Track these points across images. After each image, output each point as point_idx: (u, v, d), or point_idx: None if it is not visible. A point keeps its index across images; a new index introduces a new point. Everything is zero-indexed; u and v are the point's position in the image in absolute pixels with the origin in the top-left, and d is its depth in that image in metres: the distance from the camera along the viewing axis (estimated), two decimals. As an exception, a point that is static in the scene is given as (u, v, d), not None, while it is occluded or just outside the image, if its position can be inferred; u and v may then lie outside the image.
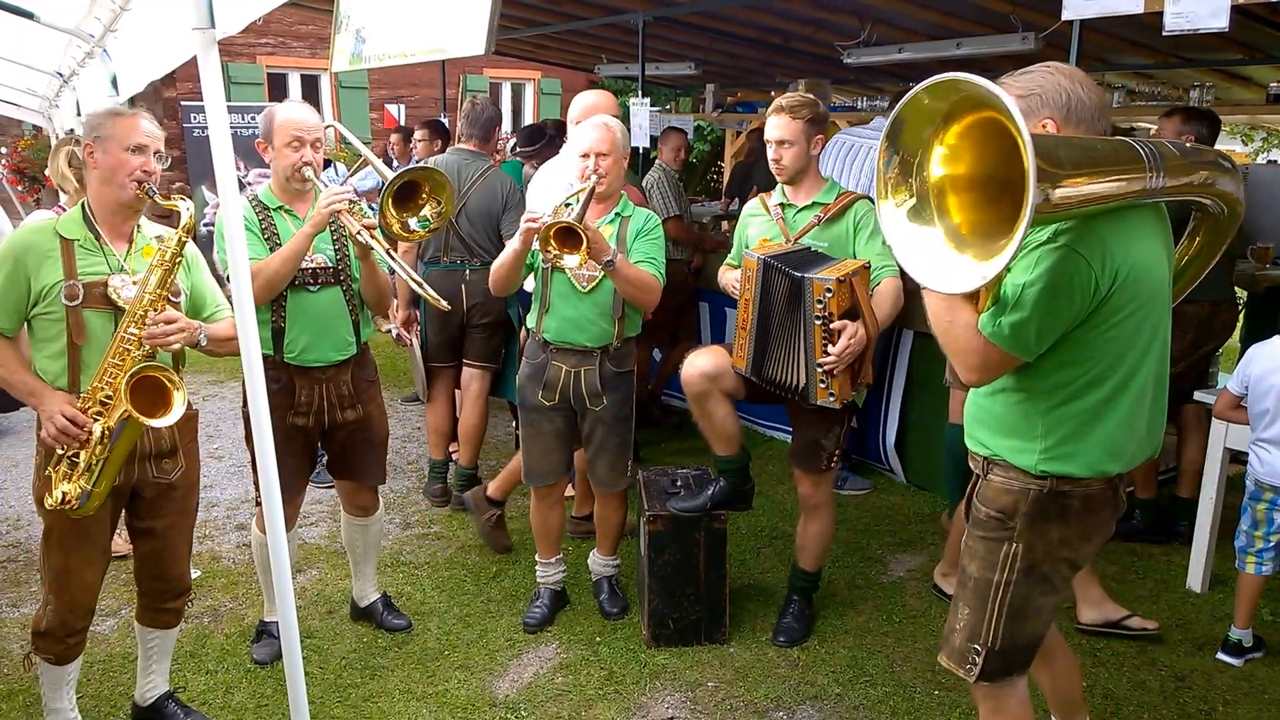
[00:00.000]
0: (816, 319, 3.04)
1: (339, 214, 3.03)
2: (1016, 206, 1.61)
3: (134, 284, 2.58)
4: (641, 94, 6.57)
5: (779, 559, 4.25)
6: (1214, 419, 3.72)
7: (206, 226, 8.23)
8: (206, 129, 2.27)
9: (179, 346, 2.55)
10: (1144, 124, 7.71)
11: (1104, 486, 2.12)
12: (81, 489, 2.50)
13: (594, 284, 3.38)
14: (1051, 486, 2.09)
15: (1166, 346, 2.15)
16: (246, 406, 3.19)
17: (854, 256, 3.32)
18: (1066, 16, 3.32)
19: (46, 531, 2.69)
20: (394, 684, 3.33)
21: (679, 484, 3.66)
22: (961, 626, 2.24)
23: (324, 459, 3.58)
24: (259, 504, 3.29)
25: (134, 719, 3.09)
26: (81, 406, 2.52)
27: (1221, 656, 3.45)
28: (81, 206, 2.65)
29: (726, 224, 7.98)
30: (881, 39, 6.01)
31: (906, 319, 4.90)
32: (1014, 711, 2.28)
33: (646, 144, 6.40)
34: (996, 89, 1.58)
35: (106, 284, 2.58)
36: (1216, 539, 3.93)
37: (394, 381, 7.07)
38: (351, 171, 3.79)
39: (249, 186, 4.43)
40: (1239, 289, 5.63)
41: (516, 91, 15.26)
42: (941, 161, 1.76)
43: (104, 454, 2.50)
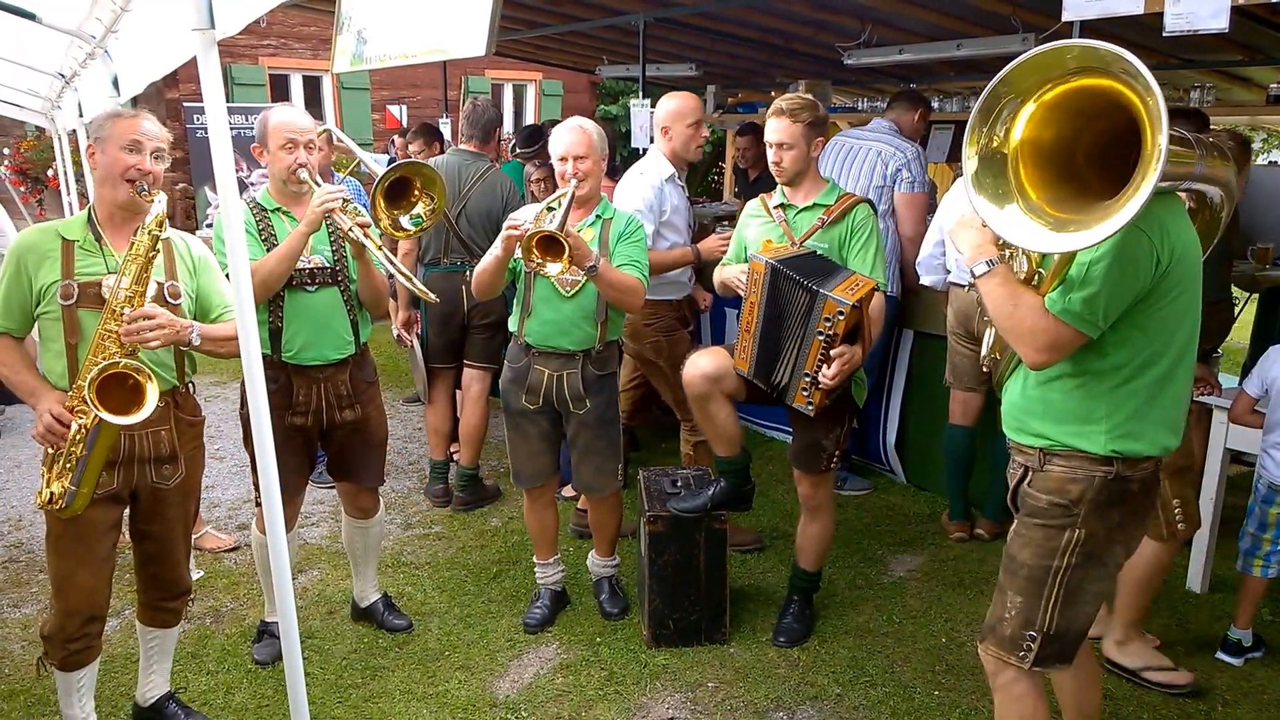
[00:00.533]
0: (819, 334, 3.05)
1: (332, 213, 3.03)
2: (1085, 187, 1.81)
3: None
4: (642, 95, 6.57)
5: (779, 559, 4.25)
6: (1229, 422, 3.66)
7: (207, 227, 8.26)
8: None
9: (159, 344, 2.52)
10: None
11: (1154, 469, 2.21)
12: (64, 488, 2.50)
13: (577, 288, 3.36)
14: (1118, 472, 2.15)
15: (1198, 328, 2.22)
16: (245, 408, 3.20)
17: (846, 259, 3.34)
18: (1066, 18, 3.32)
19: (47, 534, 2.71)
20: (394, 684, 3.33)
21: (679, 484, 3.66)
22: (1014, 615, 2.27)
23: (324, 460, 3.59)
24: (258, 504, 3.30)
25: (135, 719, 3.10)
26: (68, 405, 2.53)
27: (1221, 656, 3.45)
28: (88, 209, 2.69)
29: (728, 224, 7.97)
30: (882, 40, 6.02)
31: (907, 319, 4.94)
32: (1032, 698, 2.31)
33: (647, 145, 6.39)
34: (1148, 74, 1.66)
35: (100, 284, 2.58)
36: (1217, 539, 3.93)
37: (395, 382, 7.08)
38: (349, 170, 3.75)
39: (252, 187, 4.42)
40: (1241, 290, 5.64)
41: (518, 93, 15.27)
42: (1027, 121, 1.89)
43: (82, 453, 2.49)
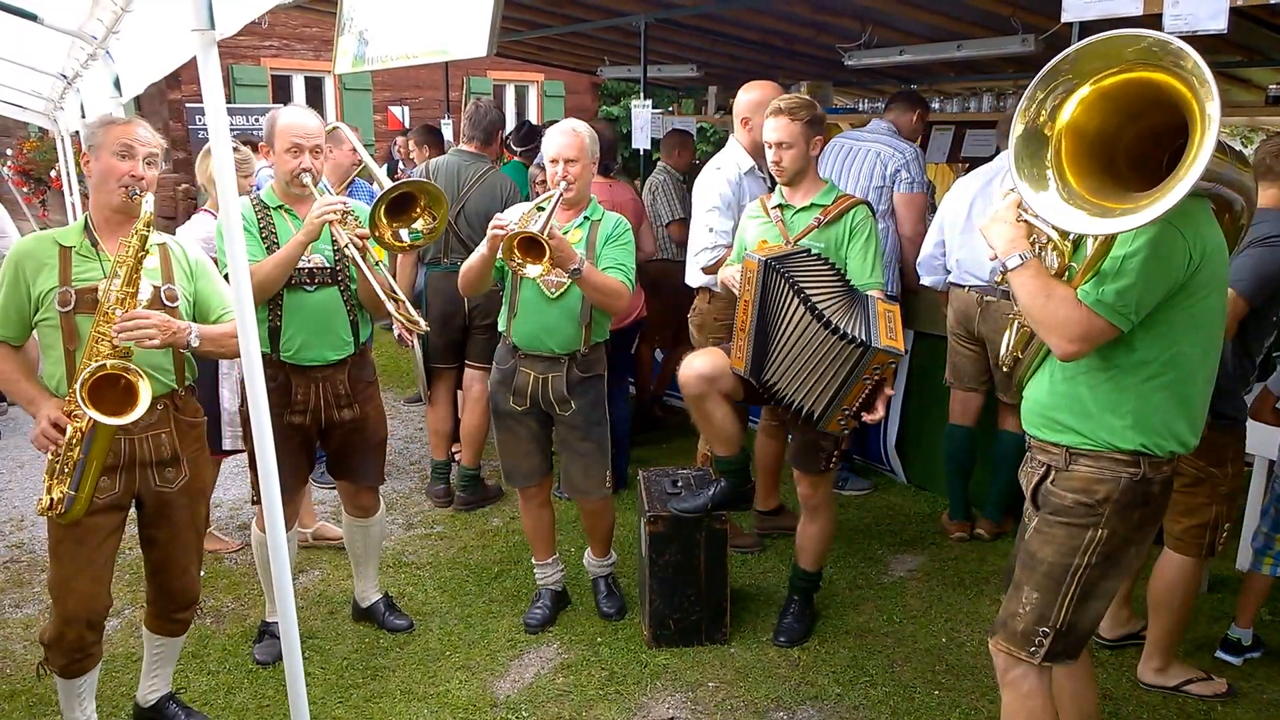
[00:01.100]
0: (867, 379, 3.08)
1: (331, 225, 3.04)
2: (1119, 179, 1.88)
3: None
4: (644, 96, 6.58)
5: (779, 559, 4.25)
6: (1249, 419, 3.63)
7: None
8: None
9: (156, 343, 2.52)
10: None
11: (1172, 470, 2.23)
12: (63, 493, 2.50)
13: (562, 290, 3.36)
14: (1144, 473, 2.18)
15: (1224, 329, 2.25)
16: (244, 405, 3.20)
17: (845, 260, 3.35)
18: (1066, 19, 3.32)
19: (49, 543, 2.71)
20: (395, 684, 3.34)
21: (679, 484, 3.66)
22: (1028, 610, 2.28)
23: (325, 459, 3.59)
24: (254, 502, 3.31)
25: (135, 719, 3.10)
26: (65, 410, 2.54)
27: (1220, 655, 3.45)
28: (84, 216, 2.71)
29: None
30: (882, 41, 6.02)
31: (907, 319, 4.93)
32: (1040, 695, 2.32)
33: (647, 146, 6.41)
34: (1208, 71, 1.68)
35: (97, 289, 2.58)
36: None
37: (396, 382, 7.08)
38: (357, 172, 3.74)
39: (256, 187, 4.43)
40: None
41: (520, 94, 15.28)
42: (1078, 103, 1.92)
43: (79, 456, 2.49)
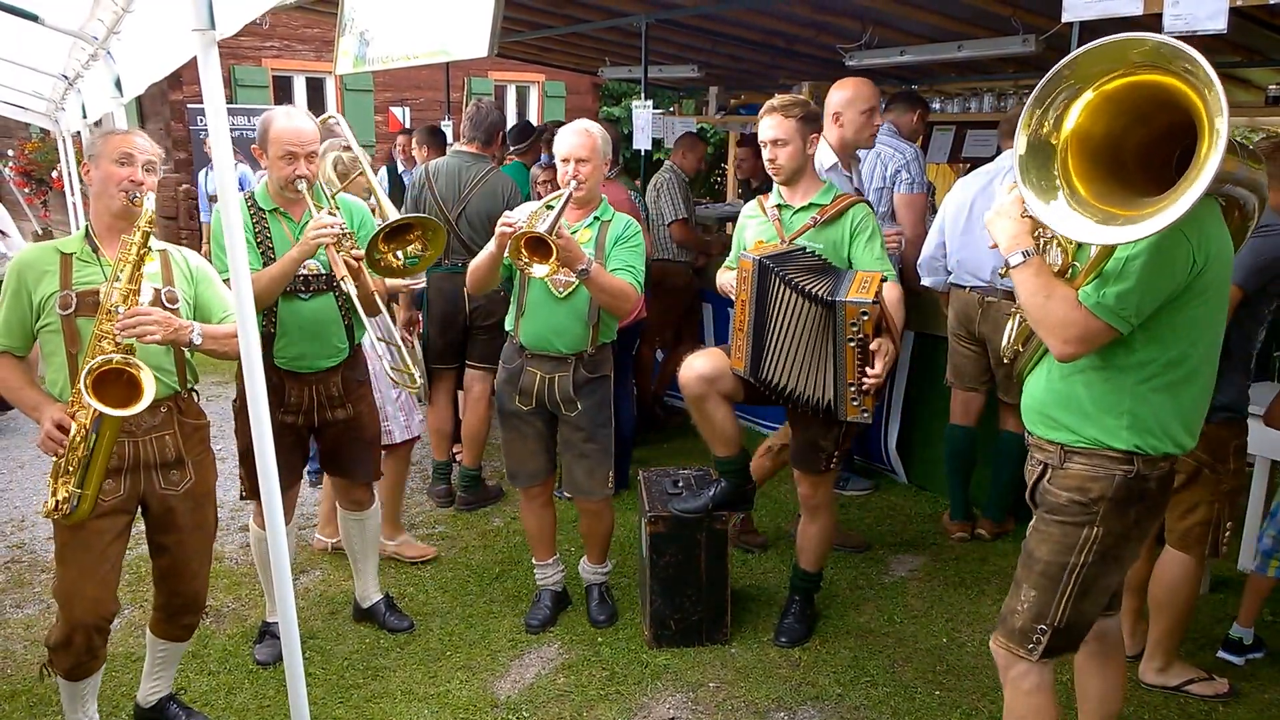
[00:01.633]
0: (850, 340, 3.04)
1: (326, 247, 3.04)
2: (1128, 181, 1.85)
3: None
4: (644, 96, 6.58)
5: (780, 559, 4.25)
6: (1265, 424, 3.61)
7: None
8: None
9: (158, 339, 2.53)
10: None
11: (1170, 468, 2.23)
12: (69, 492, 2.51)
13: (570, 290, 3.36)
14: (1138, 470, 2.17)
15: (1224, 332, 2.24)
16: (235, 401, 3.22)
17: (849, 261, 3.32)
18: (1066, 19, 3.32)
19: (55, 549, 2.72)
20: (396, 685, 3.34)
21: (680, 485, 3.66)
22: (1025, 608, 2.29)
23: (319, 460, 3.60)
24: (244, 497, 3.32)
25: (136, 719, 3.10)
26: (69, 411, 2.55)
27: (1223, 655, 3.44)
28: (85, 226, 2.74)
29: (731, 226, 7.98)
30: (883, 41, 6.02)
31: (908, 320, 4.92)
32: (1045, 692, 2.32)
33: (648, 146, 6.41)
34: (1212, 72, 1.67)
35: (98, 293, 2.60)
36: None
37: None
38: (348, 182, 3.69)
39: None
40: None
41: (521, 94, 15.29)
42: (1082, 109, 1.91)
43: (85, 453, 2.49)
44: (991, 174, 4.24)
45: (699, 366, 3.29)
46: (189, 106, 10.79)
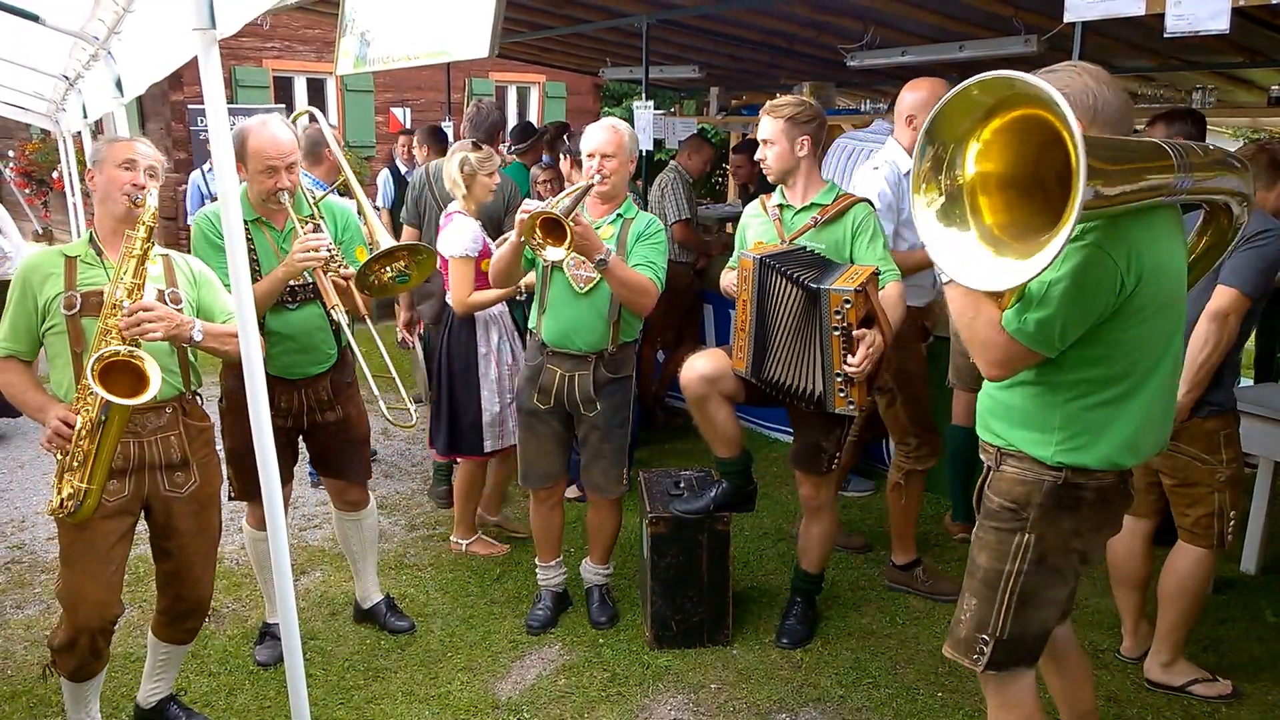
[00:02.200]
0: (835, 329, 3.04)
1: (315, 272, 3.04)
2: (1050, 205, 1.67)
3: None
4: (645, 97, 6.58)
5: (782, 561, 4.24)
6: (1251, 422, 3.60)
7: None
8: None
9: (160, 335, 2.54)
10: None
11: (1116, 479, 2.16)
12: (75, 487, 2.50)
13: (591, 285, 3.37)
14: (1066, 478, 2.12)
15: (1182, 344, 2.18)
16: (221, 402, 3.24)
17: (851, 260, 3.31)
18: (1068, 19, 3.31)
19: (60, 551, 2.72)
20: (396, 686, 3.33)
21: (681, 486, 3.66)
22: (969, 617, 2.26)
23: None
24: (232, 498, 3.32)
25: (136, 720, 3.10)
26: (75, 408, 2.55)
27: None
28: (89, 232, 2.77)
29: (732, 226, 7.98)
30: (884, 42, 6.01)
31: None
32: (1023, 703, 2.29)
33: (649, 147, 6.40)
34: (1049, 87, 1.61)
35: (102, 293, 2.62)
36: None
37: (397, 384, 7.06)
38: (332, 188, 3.67)
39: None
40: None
41: (522, 95, 15.27)
42: (976, 158, 1.80)
43: (93, 446, 2.49)
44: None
45: (701, 367, 3.28)
46: (189, 107, 10.78)
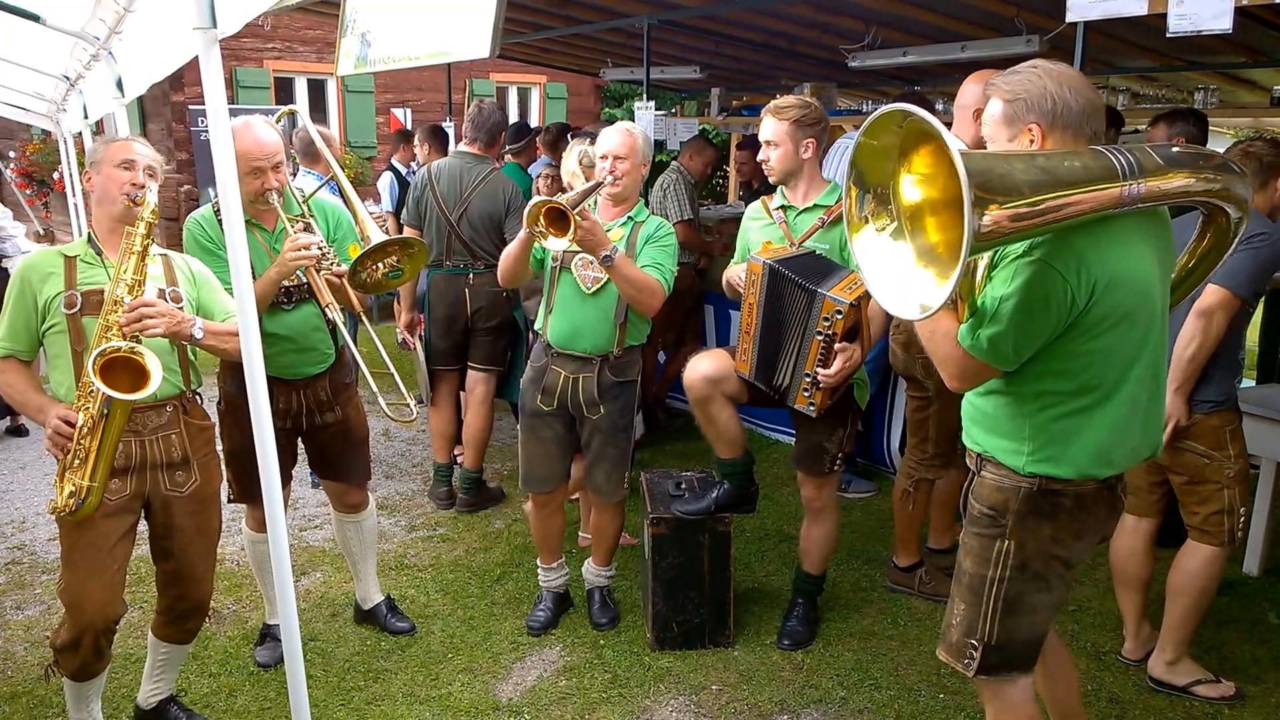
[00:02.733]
0: (819, 334, 3.05)
1: (308, 271, 3.04)
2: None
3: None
4: (646, 98, 6.58)
5: (783, 562, 4.24)
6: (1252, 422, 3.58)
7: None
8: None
9: (160, 331, 2.54)
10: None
11: (1098, 486, 2.14)
12: (77, 485, 2.50)
13: (599, 285, 3.36)
14: (1041, 485, 2.11)
15: (1162, 349, 2.15)
16: (219, 404, 3.22)
17: (849, 260, 3.31)
18: (1070, 19, 3.31)
19: (61, 552, 2.71)
20: (397, 687, 3.32)
21: (683, 487, 3.65)
22: (958, 622, 2.25)
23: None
24: (231, 500, 3.30)
25: (136, 721, 3.09)
26: (75, 407, 2.54)
27: None
28: (88, 233, 2.77)
29: (731, 226, 7.97)
30: (886, 42, 6.01)
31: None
32: (1019, 709, 2.28)
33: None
34: (931, 119, 1.65)
35: (102, 292, 2.62)
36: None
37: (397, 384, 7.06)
38: (322, 185, 3.67)
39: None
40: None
41: (523, 95, 15.27)
42: (915, 185, 1.81)
43: (94, 444, 2.49)
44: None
45: (704, 368, 3.28)
46: (190, 108, 10.78)
